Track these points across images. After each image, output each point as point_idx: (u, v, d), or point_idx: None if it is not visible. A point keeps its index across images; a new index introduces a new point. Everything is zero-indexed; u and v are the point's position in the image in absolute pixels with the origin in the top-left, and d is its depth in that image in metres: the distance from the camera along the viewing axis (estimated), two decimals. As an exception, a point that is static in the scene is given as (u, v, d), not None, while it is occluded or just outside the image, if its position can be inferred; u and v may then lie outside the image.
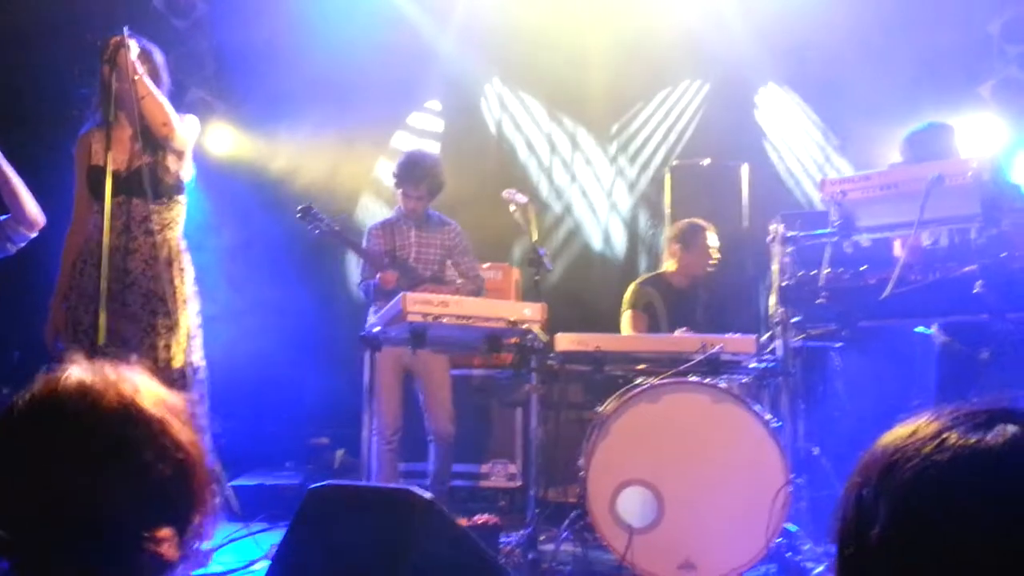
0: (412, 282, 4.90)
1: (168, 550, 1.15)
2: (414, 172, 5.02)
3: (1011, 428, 0.90)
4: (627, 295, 5.33)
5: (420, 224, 5.12)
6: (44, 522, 1.10)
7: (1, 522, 1.11)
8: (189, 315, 3.81)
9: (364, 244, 5.15)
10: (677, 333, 4.68)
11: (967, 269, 3.57)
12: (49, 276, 3.94)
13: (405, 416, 5.00)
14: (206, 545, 4.07)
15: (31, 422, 1.15)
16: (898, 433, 0.96)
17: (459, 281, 5.08)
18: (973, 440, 0.90)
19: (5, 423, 1.16)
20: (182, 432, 1.19)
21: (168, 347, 3.72)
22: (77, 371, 1.18)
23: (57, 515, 1.09)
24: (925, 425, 0.95)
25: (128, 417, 1.15)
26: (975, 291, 3.52)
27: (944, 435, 0.92)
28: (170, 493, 1.16)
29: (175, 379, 3.62)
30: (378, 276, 4.92)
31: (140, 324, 3.67)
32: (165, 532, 1.15)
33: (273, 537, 4.16)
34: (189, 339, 3.78)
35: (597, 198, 7.08)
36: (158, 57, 3.84)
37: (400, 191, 5.09)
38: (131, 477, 1.13)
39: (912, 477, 0.90)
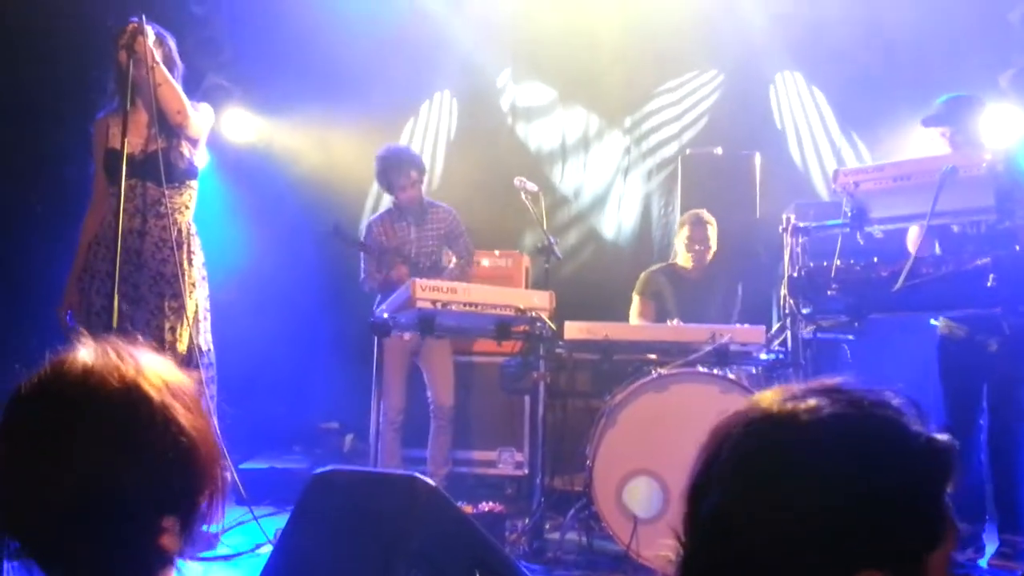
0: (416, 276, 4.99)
1: (169, 540, 1.13)
2: (398, 161, 5.16)
3: (815, 399, 0.96)
4: (638, 281, 5.33)
5: (418, 216, 5.22)
6: (45, 508, 1.09)
7: (6, 508, 1.11)
8: (197, 299, 3.84)
9: (366, 238, 5.28)
10: (669, 324, 4.67)
11: (980, 262, 3.54)
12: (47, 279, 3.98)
13: (410, 401, 5.13)
14: (214, 528, 4.13)
15: (34, 406, 1.14)
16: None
17: (452, 263, 5.22)
18: (776, 407, 0.97)
19: (11, 406, 1.16)
20: (185, 416, 1.16)
21: (174, 329, 3.75)
22: (83, 353, 1.16)
23: (57, 501, 1.08)
24: (756, 397, 1.02)
25: (129, 400, 1.13)
26: (988, 284, 3.49)
27: (758, 403, 0.99)
28: (172, 478, 1.13)
29: (179, 362, 3.65)
30: (391, 273, 5.04)
31: (148, 306, 3.70)
32: (168, 521, 1.13)
33: (280, 521, 4.18)
34: (196, 322, 3.81)
35: (610, 186, 7.05)
36: (171, 43, 3.86)
37: (395, 188, 5.17)
38: (132, 461, 1.11)
39: (720, 437, 1.00)
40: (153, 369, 1.17)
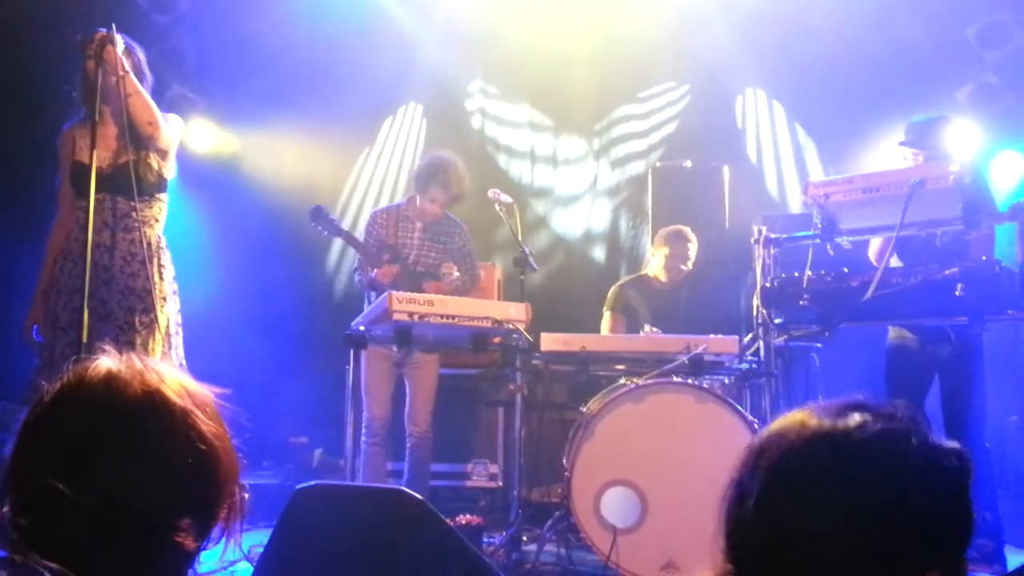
0: (411, 280, 4.78)
1: (188, 541, 1.15)
2: (447, 176, 4.81)
3: (858, 416, 1.08)
4: (608, 296, 5.35)
5: (429, 223, 4.95)
6: (70, 509, 1.10)
7: (28, 508, 1.11)
8: (168, 313, 3.77)
9: (367, 229, 4.99)
10: (644, 332, 4.69)
11: (948, 272, 3.62)
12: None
13: (393, 412, 4.92)
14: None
15: (57, 410, 1.17)
16: (773, 425, 1.14)
17: (455, 274, 4.83)
18: (828, 424, 1.07)
19: (34, 411, 1.18)
20: (207, 424, 1.19)
21: (146, 344, 3.67)
22: (106, 360, 1.19)
23: (81, 503, 1.10)
24: (793, 416, 1.12)
25: (151, 406, 1.16)
26: (956, 293, 3.57)
27: (805, 421, 1.09)
28: (192, 484, 1.17)
29: None
30: (375, 271, 4.76)
31: (117, 321, 3.62)
32: (187, 522, 1.15)
33: (251, 537, 4.11)
34: (168, 337, 3.73)
35: (579, 199, 7.09)
36: (140, 54, 3.80)
37: (425, 194, 4.84)
38: (154, 466, 1.14)
39: (778, 456, 1.07)
40: (175, 378, 1.21)
